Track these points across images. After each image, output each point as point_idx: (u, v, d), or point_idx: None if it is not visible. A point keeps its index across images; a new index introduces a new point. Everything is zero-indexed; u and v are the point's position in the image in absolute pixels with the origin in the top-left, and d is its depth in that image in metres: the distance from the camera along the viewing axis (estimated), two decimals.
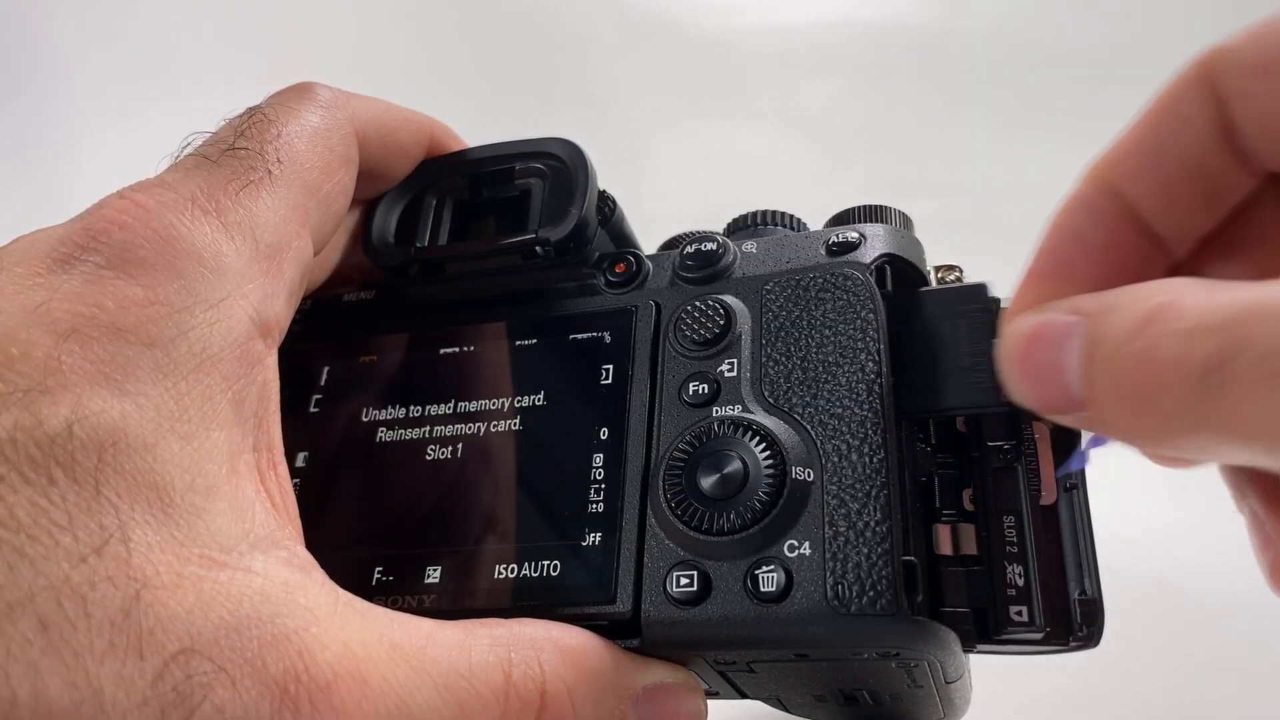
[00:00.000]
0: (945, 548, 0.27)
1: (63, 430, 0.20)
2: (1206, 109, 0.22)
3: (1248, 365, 0.17)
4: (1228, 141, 0.22)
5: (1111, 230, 0.24)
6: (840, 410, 0.27)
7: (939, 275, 0.31)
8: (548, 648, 0.25)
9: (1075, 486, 0.28)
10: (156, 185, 0.25)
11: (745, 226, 0.35)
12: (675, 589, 0.26)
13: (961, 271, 0.31)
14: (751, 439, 0.27)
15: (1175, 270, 0.24)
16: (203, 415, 0.22)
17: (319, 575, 0.23)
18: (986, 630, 0.27)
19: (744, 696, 0.31)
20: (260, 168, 0.26)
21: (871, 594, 0.25)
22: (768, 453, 0.27)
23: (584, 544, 0.28)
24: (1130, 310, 0.20)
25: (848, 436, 0.27)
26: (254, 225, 0.25)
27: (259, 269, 0.25)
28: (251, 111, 0.28)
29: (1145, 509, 0.68)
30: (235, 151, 0.26)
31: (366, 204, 0.34)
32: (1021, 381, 0.23)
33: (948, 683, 0.28)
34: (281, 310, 0.26)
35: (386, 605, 0.27)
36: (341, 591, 0.23)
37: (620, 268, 0.32)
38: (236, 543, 0.21)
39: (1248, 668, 0.48)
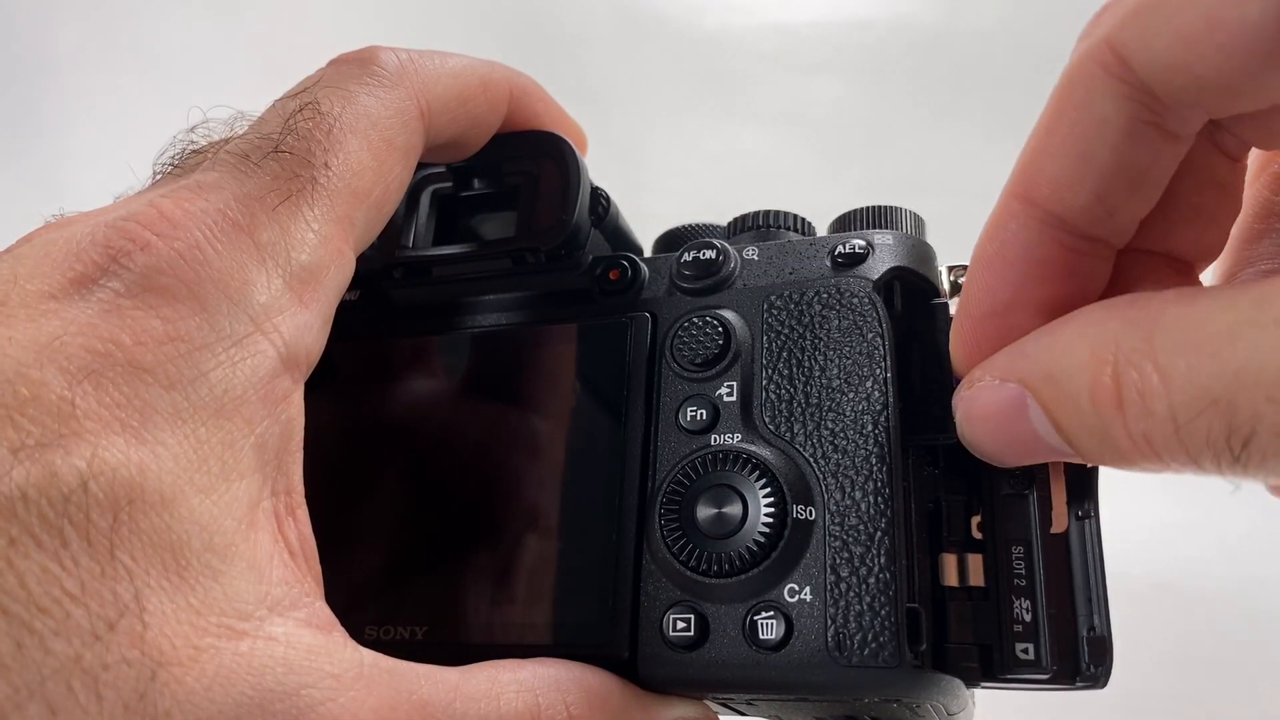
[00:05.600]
0: (951, 578, 0.26)
1: (78, 487, 0.18)
2: (1120, 99, 0.21)
3: (1268, 439, 0.17)
4: (1153, 123, 0.21)
5: (1048, 250, 0.23)
6: (844, 443, 0.26)
7: (953, 276, 0.30)
8: (573, 689, 0.24)
9: (1088, 515, 0.27)
10: (189, 192, 0.23)
11: (750, 227, 0.33)
12: (672, 632, 0.25)
13: None
14: (751, 473, 0.26)
15: (1120, 257, 0.24)
16: (223, 465, 0.21)
17: (339, 634, 0.22)
18: (991, 668, 0.26)
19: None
20: (304, 174, 0.24)
21: (874, 645, 0.24)
22: (767, 489, 0.26)
23: (577, 578, 0.27)
24: (1076, 382, 0.20)
25: (851, 473, 0.26)
26: (290, 245, 0.23)
27: (291, 297, 0.23)
28: (303, 99, 0.26)
29: (1145, 509, 0.68)
30: (279, 155, 0.24)
31: None
32: (995, 449, 0.23)
33: (950, 715, 0.27)
34: (313, 341, 0.24)
35: (377, 634, 0.27)
36: (364, 650, 0.22)
37: (614, 275, 0.31)
38: (255, 607, 0.20)
39: (1247, 667, 0.48)
